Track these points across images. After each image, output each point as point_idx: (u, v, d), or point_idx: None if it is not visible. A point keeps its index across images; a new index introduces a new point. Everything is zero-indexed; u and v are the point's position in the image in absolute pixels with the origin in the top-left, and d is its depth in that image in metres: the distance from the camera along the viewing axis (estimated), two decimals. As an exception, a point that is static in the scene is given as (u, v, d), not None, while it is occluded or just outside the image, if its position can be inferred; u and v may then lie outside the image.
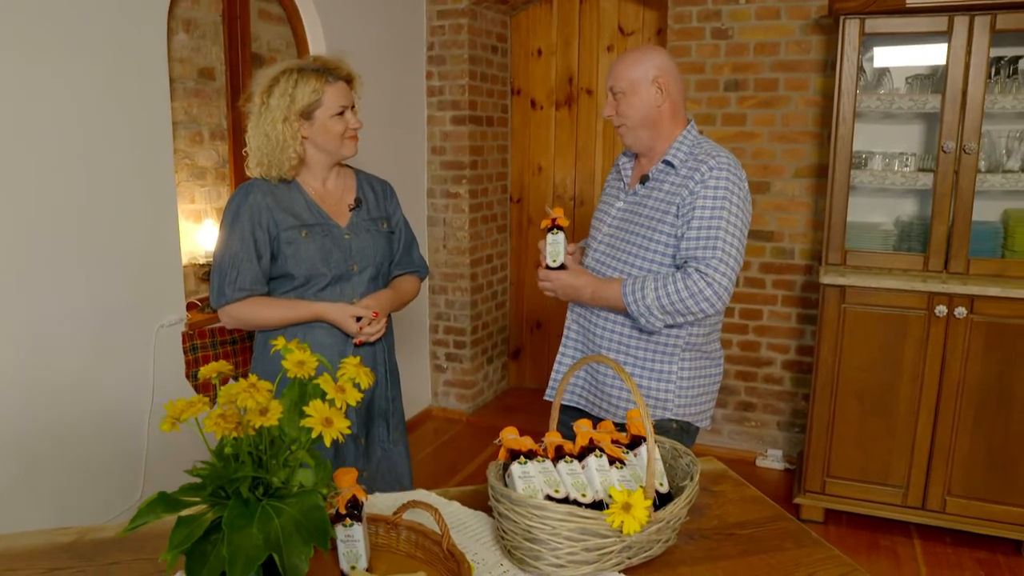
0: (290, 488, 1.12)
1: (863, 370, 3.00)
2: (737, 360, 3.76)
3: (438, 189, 4.20)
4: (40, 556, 1.33)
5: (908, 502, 3.02)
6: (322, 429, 1.04)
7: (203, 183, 2.85)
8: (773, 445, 3.76)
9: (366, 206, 2.00)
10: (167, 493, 1.06)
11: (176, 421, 1.09)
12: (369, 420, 2.00)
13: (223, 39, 2.88)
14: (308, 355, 1.12)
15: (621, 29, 4.15)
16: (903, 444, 2.99)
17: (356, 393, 1.09)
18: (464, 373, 4.34)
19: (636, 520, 1.17)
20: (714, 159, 1.82)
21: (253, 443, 1.10)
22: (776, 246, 3.61)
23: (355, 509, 1.17)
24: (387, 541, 1.31)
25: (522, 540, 1.23)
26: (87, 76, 2.26)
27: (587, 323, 1.97)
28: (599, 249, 1.97)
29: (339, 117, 1.88)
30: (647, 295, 1.79)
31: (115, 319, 2.40)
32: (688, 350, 1.89)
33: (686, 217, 1.81)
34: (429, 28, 4.06)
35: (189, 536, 1.02)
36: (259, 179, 1.89)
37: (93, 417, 2.34)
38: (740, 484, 1.66)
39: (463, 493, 1.58)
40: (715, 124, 3.62)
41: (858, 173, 3.10)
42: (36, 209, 2.14)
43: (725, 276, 1.76)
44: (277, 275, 1.88)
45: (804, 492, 3.17)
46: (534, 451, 1.34)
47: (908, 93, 3.06)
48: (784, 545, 1.40)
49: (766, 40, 3.48)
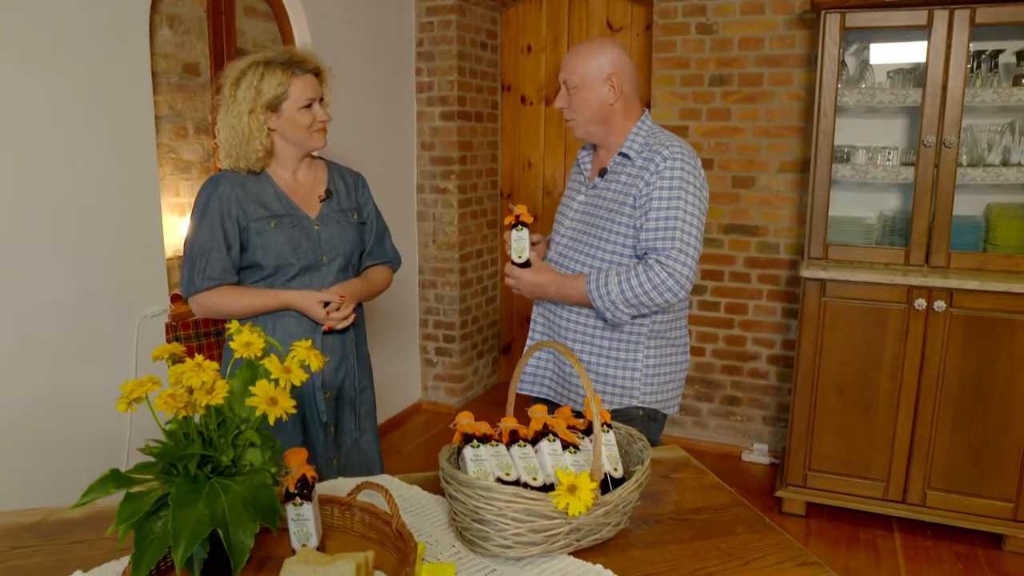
0: (239, 467, 1.14)
1: (843, 364, 3.02)
2: (723, 354, 3.78)
3: (427, 184, 4.22)
4: (4, 535, 1.36)
5: (889, 495, 3.03)
6: (267, 408, 1.07)
7: (188, 177, 2.88)
8: (759, 439, 3.78)
9: (336, 197, 2.02)
10: (118, 470, 1.09)
11: (129, 401, 1.12)
12: (339, 409, 2.02)
13: (208, 35, 2.91)
14: (255, 337, 1.14)
15: (610, 25, 4.17)
16: (883, 438, 3.00)
17: (302, 373, 1.12)
18: (454, 367, 4.37)
19: (581, 502, 1.19)
20: (668, 149, 1.84)
21: (203, 422, 1.12)
22: (761, 241, 3.63)
23: (305, 489, 1.19)
24: (342, 522, 1.33)
25: (471, 522, 1.25)
26: (69, 71, 2.29)
27: (552, 316, 1.99)
28: (561, 243, 1.99)
29: (306, 110, 1.90)
30: (611, 289, 1.81)
31: (98, 310, 2.43)
32: (653, 338, 1.91)
33: (643, 208, 1.83)
34: (418, 24, 4.09)
35: (136, 511, 1.04)
36: (229, 170, 1.92)
37: (75, 408, 2.37)
38: (701, 472, 1.68)
39: (426, 478, 1.61)
40: (700, 119, 3.64)
41: (841, 167, 3.11)
42: (18, 202, 2.17)
43: (686, 265, 1.78)
44: (247, 265, 1.91)
45: (786, 485, 3.18)
46: (489, 435, 1.37)
47: (890, 87, 3.07)
48: (737, 530, 1.42)
49: (750, 35, 3.49)
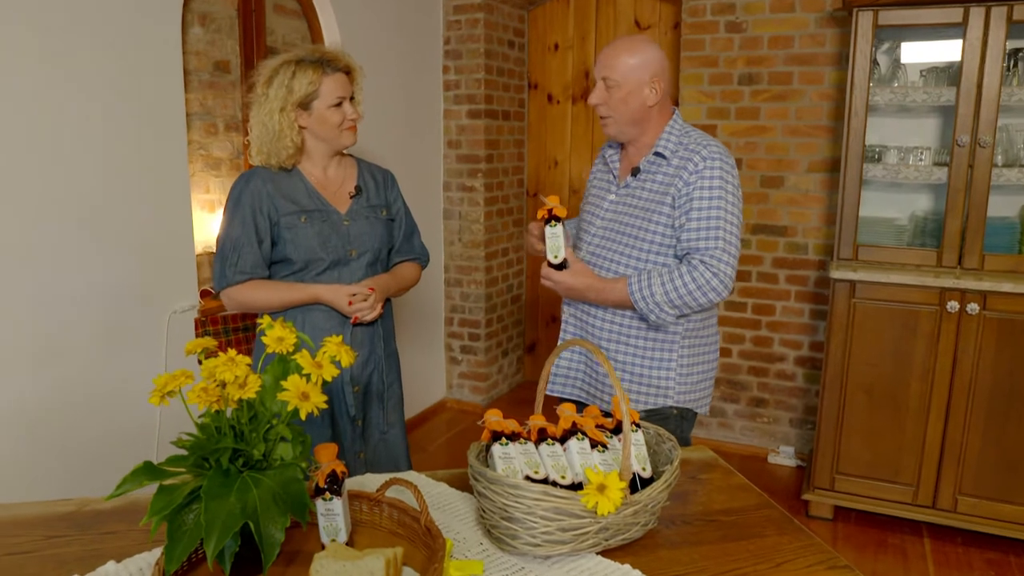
0: (271, 461, 1.15)
1: (873, 366, 2.98)
2: (750, 355, 3.75)
3: (453, 182, 4.23)
4: (39, 524, 1.38)
5: (918, 500, 2.99)
6: (298, 403, 1.07)
7: (217, 173, 2.91)
8: (785, 442, 3.74)
9: (366, 193, 2.03)
10: (151, 462, 1.10)
11: (163, 395, 1.13)
12: (366, 404, 2.04)
13: (238, 33, 2.94)
14: (288, 332, 1.15)
15: (638, 23, 4.15)
16: (913, 442, 2.96)
17: (333, 369, 1.12)
18: (478, 366, 4.37)
19: (611, 501, 1.19)
20: (706, 149, 1.83)
21: (235, 416, 1.13)
22: (790, 241, 3.59)
23: (335, 483, 1.20)
24: (371, 517, 1.33)
25: (499, 519, 1.25)
26: (103, 68, 2.32)
27: (585, 316, 1.98)
28: (593, 243, 1.98)
29: (337, 108, 1.92)
30: (655, 291, 1.80)
31: (128, 305, 2.46)
32: (687, 337, 1.90)
33: (683, 208, 1.82)
34: (445, 22, 4.09)
35: (169, 503, 1.06)
36: (261, 167, 1.94)
37: (105, 402, 2.41)
38: (728, 472, 1.67)
39: (452, 475, 1.61)
40: (728, 118, 3.61)
41: (871, 167, 3.07)
42: (51, 197, 2.21)
43: (729, 264, 1.79)
44: (277, 259, 1.93)
45: (813, 488, 3.15)
46: (517, 433, 1.37)
47: (923, 86, 3.03)
48: (766, 532, 1.40)
49: (780, 33, 3.46)
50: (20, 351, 2.17)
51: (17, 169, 2.12)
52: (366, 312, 1.93)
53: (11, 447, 2.16)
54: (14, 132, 2.10)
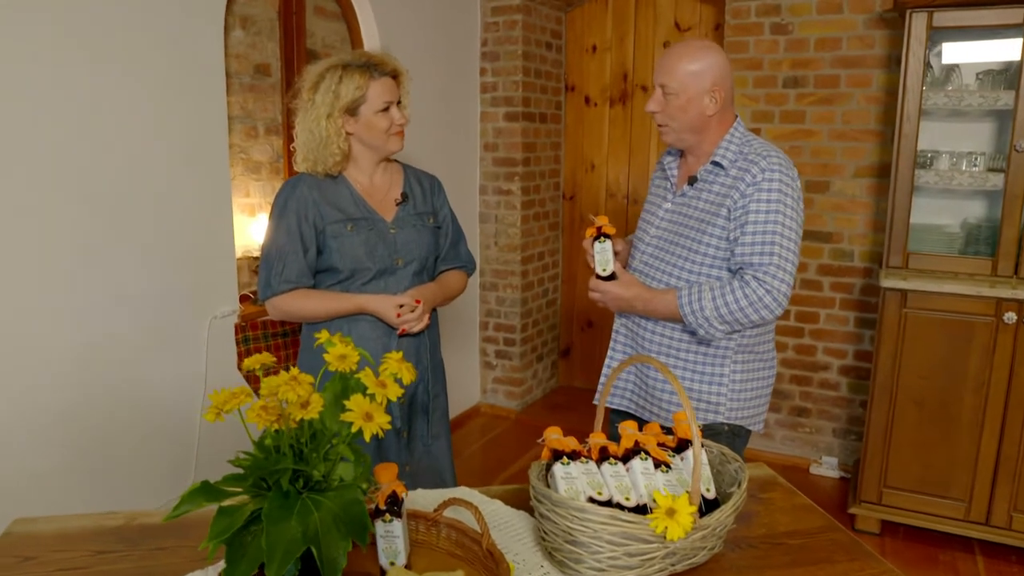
0: (330, 482, 1.11)
1: (924, 377, 2.89)
2: (792, 364, 3.67)
3: (490, 186, 4.19)
4: (88, 539, 1.36)
5: (971, 517, 2.90)
6: (362, 424, 1.03)
7: (258, 177, 2.90)
8: (828, 452, 3.66)
9: (413, 201, 1.99)
10: (209, 482, 1.07)
11: (220, 411, 1.09)
12: (412, 415, 2.00)
13: (279, 35, 2.92)
14: (350, 349, 1.11)
15: (677, 25, 4.08)
16: (966, 456, 2.87)
17: (397, 388, 1.08)
18: (513, 371, 4.33)
19: (680, 526, 1.14)
20: (765, 160, 1.76)
21: (295, 436, 1.10)
22: (835, 247, 3.51)
23: (395, 505, 1.16)
24: (427, 538, 1.30)
25: (563, 542, 1.21)
26: (147, 72, 2.31)
27: (636, 327, 1.93)
28: (646, 251, 1.92)
29: (384, 113, 1.88)
30: (705, 306, 1.74)
31: (169, 309, 2.45)
32: (740, 352, 1.84)
33: (739, 221, 1.75)
34: (483, 24, 4.06)
35: (229, 526, 1.02)
36: (306, 173, 1.91)
37: (146, 405, 2.40)
38: (791, 492, 1.61)
39: (506, 492, 1.57)
40: (773, 122, 3.53)
41: (923, 173, 2.99)
42: (94, 201, 2.20)
43: (784, 282, 1.71)
44: (323, 268, 1.90)
45: (859, 502, 3.07)
46: (578, 452, 1.32)
47: (978, 89, 2.93)
48: (835, 557, 1.35)
49: (827, 35, 3.37)
50: (64, 357, 2.16)
51: (60, 175, 2.11)
52: (413, 324, 1.89)
53: (55, 451, 2.16)
54: (59, 139, 2.09)
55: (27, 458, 2.09)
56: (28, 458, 2.10)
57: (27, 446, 2.09)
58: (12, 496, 2.05)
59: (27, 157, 2.02)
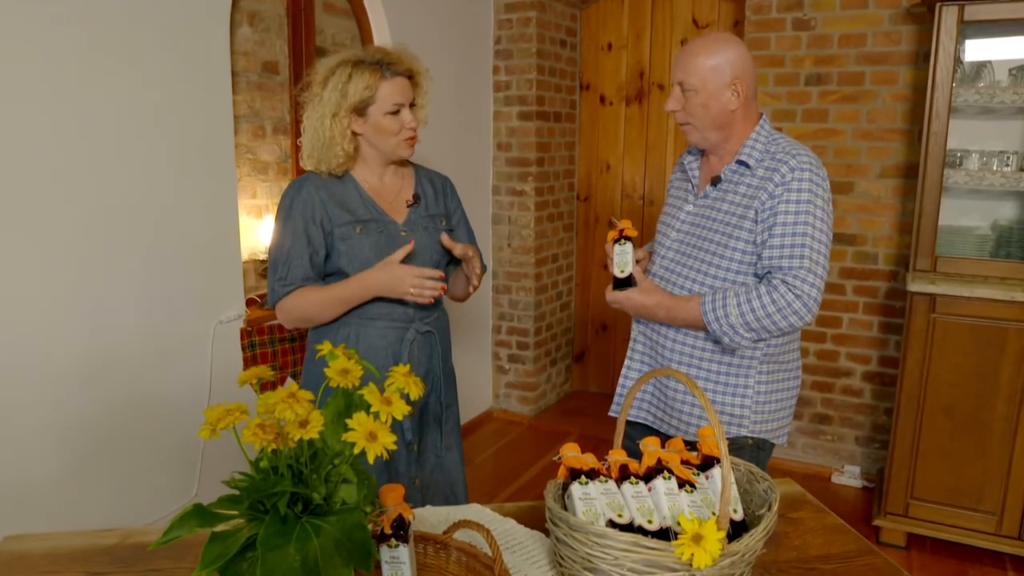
0: (332, 505, 1.04)
1: (953, 385, 2.78)
2: (814, 370, 3.56)
3: (503, 186, 4.11)
4: (78, 558, 1.29)
5: (1002, 531, 2.79)
6: (365, 444, 0.95)
7: (265, 178, 2.83)
8: (851, 461, 3.55)
9: (424, 202, 1.91)
10: (203, 506, 1.00)
11: (215, 429, 1.02)
12: (423, 426, 1.92)
13: (287, 32, 2.85)
14: (353, 363, 1.03)
15: (695, 21, 3.99)
16: (998, 467, 2.76)
17: (403, 406, 1.00)
18: (526, 375, 4.25)
19: (708, 554, 1.05)
20: (795, 159, 1.67)
21: (293, 455, 1.02)
22: (858, 250, 3.40)
23: (401, 529, 1.08)
24: (436, 562, 1.22)
25: (580, 569, 1.12)
26: (151, 69, 2.24)
27: (655, 335, 1.83)
28: (667, 256, 1.83)
29: (394, 116, 1.78)
30: (730, 312, 1.65)
31: (174, 313, 2.38)
32: (766, 362, 1.74)
33: (767, 223, 1.66)
34: (496, 21, 3.98)
35: (222, 553, 0.95)
36: (312, 172, 1.83)
37: (150, 411, 2.33)
38: (820, 511, 1.52)
39: (520, 509, 1.49)
40: (794, 120, 3.43)
41: (952, 173, 2.88)
42: (97, 202, 2.14)
43: (814, 287, 1.61)
44: (331, 272, 1.81)
45: (885, 514, 2.96)
46: (596, 470, 1.24)
47: (1011, 86, 2.83)
48: (873, 584, 1.26)
49: (852, 31, 3.27)
50: (68, 364, 2.10)
51: (62, 176, 2.05)
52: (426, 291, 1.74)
53: (57, 458, 2.10)
54: (60, 139, 2.03)
55: (30, 464, 2.04)
56: (31, 464, 2.04)
57: (30, 452, 2.04)
58: (13, 502, 2.00)
59: (29, 158, 1.97)
